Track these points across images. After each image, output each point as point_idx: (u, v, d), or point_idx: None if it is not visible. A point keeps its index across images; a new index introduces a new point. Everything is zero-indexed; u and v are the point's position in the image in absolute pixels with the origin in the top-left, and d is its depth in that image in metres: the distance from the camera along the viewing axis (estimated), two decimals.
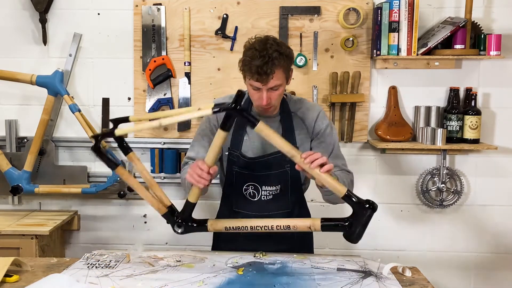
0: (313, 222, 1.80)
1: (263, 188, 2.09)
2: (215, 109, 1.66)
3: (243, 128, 2.06)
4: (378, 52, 2.71)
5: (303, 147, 2.06)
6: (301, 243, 2.17)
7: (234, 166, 2.09)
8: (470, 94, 2.78)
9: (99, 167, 2.90)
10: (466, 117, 2.76)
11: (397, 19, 2.67)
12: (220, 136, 1.72)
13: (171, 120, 1.74)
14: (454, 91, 2.78)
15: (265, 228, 1.81)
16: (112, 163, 1.80)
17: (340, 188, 1.74)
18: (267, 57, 1.86)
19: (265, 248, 2.03)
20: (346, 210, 2.97)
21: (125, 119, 1.81)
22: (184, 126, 2.85)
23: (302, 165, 1.74)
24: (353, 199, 1.76)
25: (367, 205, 1.77)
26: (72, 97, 2.75)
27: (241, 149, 2.06)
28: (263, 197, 2.09)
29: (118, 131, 1.75)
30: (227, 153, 2.09)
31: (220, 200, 2.25)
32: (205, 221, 1.87)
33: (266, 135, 1.72)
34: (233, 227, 1.85)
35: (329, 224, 1.81)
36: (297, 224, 1.81)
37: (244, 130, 2.06)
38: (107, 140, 2.84)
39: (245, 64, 1.90)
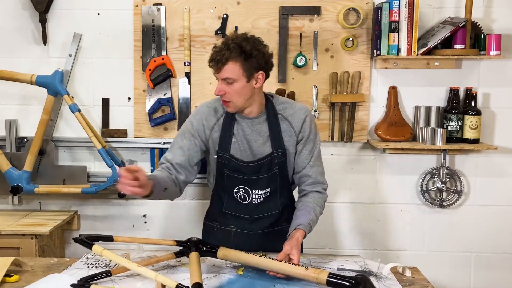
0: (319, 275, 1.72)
1: (254, 191, 2.09)
2: None
3: (230, 129, 2.06)
4: (378, 52, 2.71)
5: (288, 151, 2.07)
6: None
7: (225, 168, 2.08)
8: (470, 94, 2.78)
9: (99, 167, 2.90)
10: (466, 117, 2.76)
11: (397, 19, 2.67)
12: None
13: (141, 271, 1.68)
14: (454, 91, 2.78)
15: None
16: None
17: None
18: (224, 46, 1.91)
19: (257, 247, 2.03)
20: (346, 212, 2.97)
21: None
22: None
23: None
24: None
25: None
26: (72, 97, 2.75)
27: (230, 151, 2.06)
28: (254, 201, 2.10)
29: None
30: (215, 156, 2.08)
31: (210, 200, 2.26)
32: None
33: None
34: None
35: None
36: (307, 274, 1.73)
37: (231, 132, 2.06)
38: (107, 140, 2.85)
39: (210, 54, 1.97)
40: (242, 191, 2.09)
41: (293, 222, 2.00)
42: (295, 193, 2.20)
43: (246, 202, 2.10)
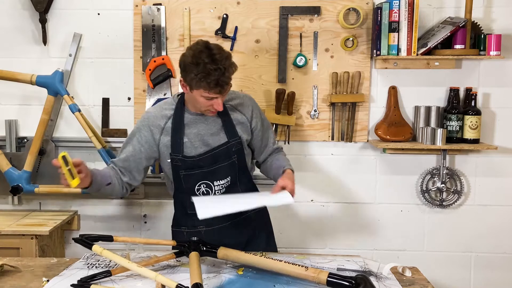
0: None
1: (215, 183, 2.11)
2: None
3: (180, 131, 2.07)
4: (378, 52, 2.71)
5: (242, 139, 2.13)
6: (260, 227, 2.26)
7: (181, 170, 2.09)
8: (470, 94, 2.78)
9: (99, 167, 2.88)
10: (466, 117, 2.76)
11: (397, 19, 2.67)
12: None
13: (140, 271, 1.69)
14: (454, 91, 2.78)
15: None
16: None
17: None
18: (222, 69, 1.90)
19: (230, 240, 2.02)
20: (346, 212, 2.97)
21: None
22: None
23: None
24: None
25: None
26: (72, 97, 2.75)
27: (183, 152, 2.08)
28: (217, 192, 2.12)
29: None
30: (169, 160, 2.09)
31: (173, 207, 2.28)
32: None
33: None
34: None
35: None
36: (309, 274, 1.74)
37: (182, 133, 2.07)
38: (107, 140, 2.85)
39: (201, 81, 1.90)
40: (203, 186, 2.11)
41: (276, 171, 2.14)
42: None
43: (210, 196, 2.12)
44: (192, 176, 2.10)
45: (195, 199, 1.95)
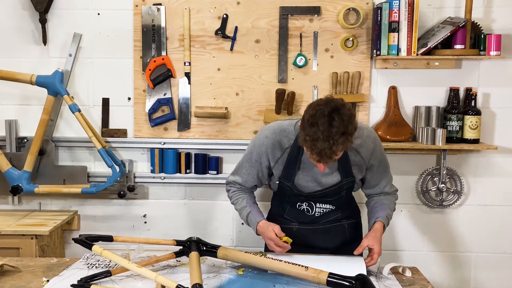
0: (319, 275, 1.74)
1: (317, 205, 2.13)
2: None
3: (295, 164, 2.05)
4: (378, 52, 2.71)
5: (356, 177, 2.09)
6: (352, 237, 2.23)
7: (286, 192, 2.13)
8: (470, 94, 2.78)
9: (99, 167, 2.90)
10: (466, 117, 2.76)
11: (397, 19, 2.67)
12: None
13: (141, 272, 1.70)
14: (454, 91, 2.78)
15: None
16: None
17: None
18: (331, 143, 1.75)
19: (319, 243, 2.12)
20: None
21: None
22: (183, 126, 2.85)
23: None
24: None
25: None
26: (72, 97, 2.75)
27: (294, 181, 2.08)
28: (317, 214, 2.14)
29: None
30: (277, 182, 2.12)
31: (270, 203, 2.32)
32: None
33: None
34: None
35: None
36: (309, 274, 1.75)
37: (296, 166, 2.06)
38: (107, 140, 2.85)
39: (306, 141, 1.80)
40: (305, 204, 2.14)
41: (371, 216, 2.09)
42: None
43: (309, 214, 2.15)
44: (298, 198, 2.13)
45: (269, 255, 1.93)
